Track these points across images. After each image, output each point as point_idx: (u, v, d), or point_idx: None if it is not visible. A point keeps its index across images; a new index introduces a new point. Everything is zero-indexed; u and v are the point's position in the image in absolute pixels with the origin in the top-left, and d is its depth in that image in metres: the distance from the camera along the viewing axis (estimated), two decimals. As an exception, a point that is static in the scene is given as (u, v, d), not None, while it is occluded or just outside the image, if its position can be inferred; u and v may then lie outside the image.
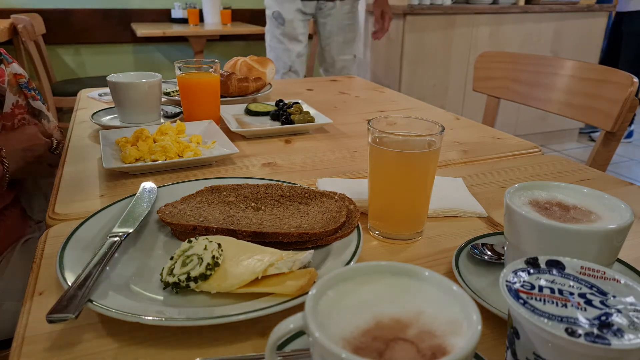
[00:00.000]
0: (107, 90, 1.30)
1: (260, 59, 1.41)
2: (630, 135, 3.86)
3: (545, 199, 0.49)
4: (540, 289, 0.32)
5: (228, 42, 3.65)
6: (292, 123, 1.04)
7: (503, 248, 0.55)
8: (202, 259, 0.48)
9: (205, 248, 0.49)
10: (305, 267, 0.50)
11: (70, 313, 0.41)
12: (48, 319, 0.41)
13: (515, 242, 0.47)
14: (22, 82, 0.99)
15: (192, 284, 0.47)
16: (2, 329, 0.82)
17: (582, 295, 0.32)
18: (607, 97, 1.08)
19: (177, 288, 0.48)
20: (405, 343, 0.28)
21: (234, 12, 3.47)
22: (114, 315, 0.43)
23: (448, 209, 0.67)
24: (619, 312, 0.30)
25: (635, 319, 0.30)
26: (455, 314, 0.30)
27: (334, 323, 0.29)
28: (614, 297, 0.32)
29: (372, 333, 0.28)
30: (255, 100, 1.27)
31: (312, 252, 0.51)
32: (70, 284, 0.45)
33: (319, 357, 0.28)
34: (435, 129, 0.58)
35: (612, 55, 3.71)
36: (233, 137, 0.96)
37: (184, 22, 3.32)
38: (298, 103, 1.13)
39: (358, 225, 0.58)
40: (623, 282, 0.33)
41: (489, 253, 0.55)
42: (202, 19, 3.33)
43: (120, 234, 0.55)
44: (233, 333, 0.45)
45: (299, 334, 0.41)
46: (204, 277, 0.47)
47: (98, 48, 3.37)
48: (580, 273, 0.34)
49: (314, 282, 0.47)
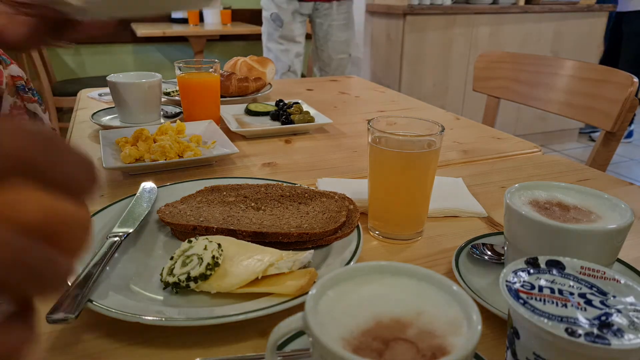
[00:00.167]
0: (107, 90, 1.30)
1: (260, 59, 1.41)
2: (630, 135, 3.85)
3: (545, 199, 0.49)
4: (540, 289, 0.32)
5: (228, 42, 3.65)
6: (292, 123, 1.04)
7: (503, 248, 0.55)
8: (202, 259, 0.48)
9: (205, 248, 0.49)
10: (305, 267, 0.50)
11: (71, 313, 0.41)
12: (48, 319, 0.41)
13: (515, 242, 0.47)
14: (19, 84, 0.99)
15: (192, 284, 0.47)
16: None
17: (582, 295, 0.32)
18: (607, 97, 1.08)
19: (177, 288, 0.48)
20: (405, 343, 0.28)
21: (234, 12, 3.46)
22: (114, 315, 0.43)
23: (448, 209, 0.67)
24: (619, 312, 0.30)
25: (635, 319, 0.30)
26: (455, 314, 0.30)
27: (334, 323, 0.29)
28: (614, 297, 0.32)
29: (372, 333, 0.28)
30: (255, 100, 1.27)
31: (312, 252, 0.51)
32: (70, 284, 0.45)
33: (319, 357, 0.28)
34: (435, 129, 0.58)
35: (612, 55, 3.71)
36: (233, 137, 0.96)
37: (184, 22, 3.33)
38: (298, 103, 1.13)
39: (358, 225, 0.58)
40: (623, 282, 0.33)
41: (489, 253, 0.55)
42: (202, 19, 3.33)
43: (120, 234, 0.55)
44: (233, 333, 0.44)
45: (299, 334, 0.41)
46: (204, 277, 0.47)
47: (98, 48, 3.37)
48: (580, 273, 0.34)
49: (314, 282, 0.46)
